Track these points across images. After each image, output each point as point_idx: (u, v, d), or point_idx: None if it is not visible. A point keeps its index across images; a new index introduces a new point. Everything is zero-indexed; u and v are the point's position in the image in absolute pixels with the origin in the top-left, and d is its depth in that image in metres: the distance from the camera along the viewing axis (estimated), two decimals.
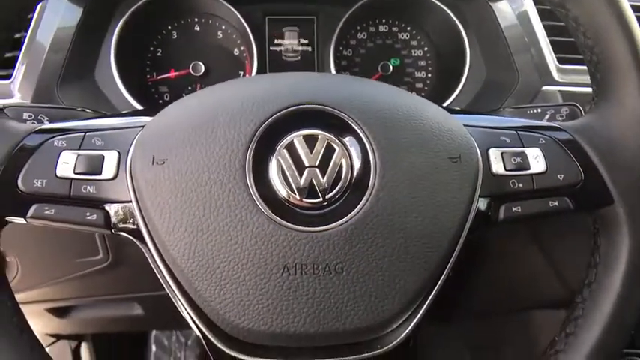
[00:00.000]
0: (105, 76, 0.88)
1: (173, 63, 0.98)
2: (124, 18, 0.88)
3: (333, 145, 0.49)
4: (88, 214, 0.50)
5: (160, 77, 0.97)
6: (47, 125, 0.53)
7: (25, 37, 0.80)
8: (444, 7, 0.92)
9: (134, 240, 0.51)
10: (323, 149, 0.48)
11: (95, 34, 0.88)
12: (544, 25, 0.84)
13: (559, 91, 0.82)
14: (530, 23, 0.83)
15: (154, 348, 1.52)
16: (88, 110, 0.65)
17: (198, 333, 0.50)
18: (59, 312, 1.05)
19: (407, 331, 0.50)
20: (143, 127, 0.52)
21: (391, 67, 1.00)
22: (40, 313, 1.03)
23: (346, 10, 0.94)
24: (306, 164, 0.48)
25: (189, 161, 0.48)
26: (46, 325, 1.14)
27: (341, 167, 0.48)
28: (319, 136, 0.49)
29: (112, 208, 0.50)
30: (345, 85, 0.54)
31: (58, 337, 1.30)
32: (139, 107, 0.87)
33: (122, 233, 0.51)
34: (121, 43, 0.88)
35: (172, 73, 0.97)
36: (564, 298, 0.64)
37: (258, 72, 0.95)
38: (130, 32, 0.90)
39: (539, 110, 0.64)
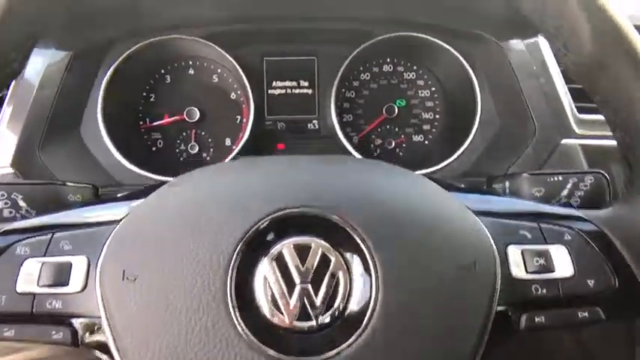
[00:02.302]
0: (90, 129, 0.84)
1: (167, 108, 0.92)
2: (110, 70, 0.83)
3: (329, 255, 0.42)
4: (53, 332, 0.44)
5: (153, 124, 0.93)
6: (11, 225, 0.48)
7: (6, 94, 0.75)
8: (451, 50, 0.86)
9: (103, 356, 0.46)
10: (317, 261, 0.42)
11: (81, 87, 0.83)
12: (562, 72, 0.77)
13: (580, 144, 0.75)
14: (549, 72, 0.77)
15: None
16: (69, 183, 0.60)
17: None
18: None
19: None
20: (119, 222, 0.47)
21: (396, 109, 0.94)
22: None
23: (347, 49, 0.88)
24: (297, 281, 0.42)
25: (163, 280, 0.42)
26: None
27: (337, 283, 0.42)
28: (312, 245, 0.43)
29: (79, 322, 0.45)
30: (340, 179, 0.47)
31: None
32: (125, 162, 0.82)
33: (91, 349, 0.46)
34: (108, 94, 0.84)
35: (166, 120, 0.92)
36: None
37: (256, 116, 0.89)
38: (119, 81, 0.85)
39: (560, 178, 0.58)
